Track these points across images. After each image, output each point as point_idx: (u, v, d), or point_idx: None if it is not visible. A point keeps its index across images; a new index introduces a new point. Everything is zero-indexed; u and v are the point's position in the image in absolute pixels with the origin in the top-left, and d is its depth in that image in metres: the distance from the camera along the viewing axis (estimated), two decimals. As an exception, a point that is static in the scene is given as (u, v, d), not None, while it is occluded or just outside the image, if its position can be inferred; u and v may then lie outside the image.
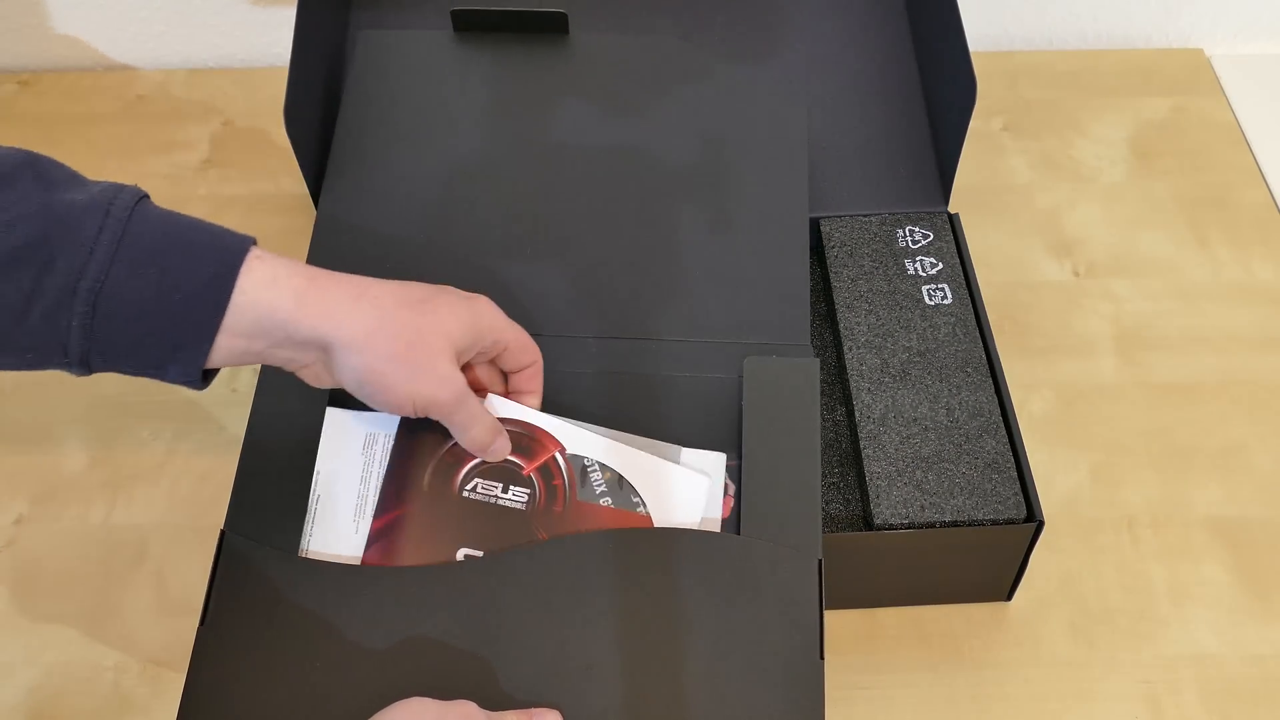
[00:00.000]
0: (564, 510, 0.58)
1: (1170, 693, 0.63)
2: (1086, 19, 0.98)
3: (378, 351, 0.52)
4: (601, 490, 0.59)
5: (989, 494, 0.62)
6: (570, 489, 0.59)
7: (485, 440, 0.58)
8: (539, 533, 0.58)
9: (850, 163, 0.77)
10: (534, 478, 0.59)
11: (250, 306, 0.50)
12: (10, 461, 0.73)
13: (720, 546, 0.56)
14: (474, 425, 0.57)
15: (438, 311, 0.54)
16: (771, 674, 0.54)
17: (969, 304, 0.70)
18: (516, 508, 0.58)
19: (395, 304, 0.53)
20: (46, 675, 0.65)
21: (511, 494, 0.59)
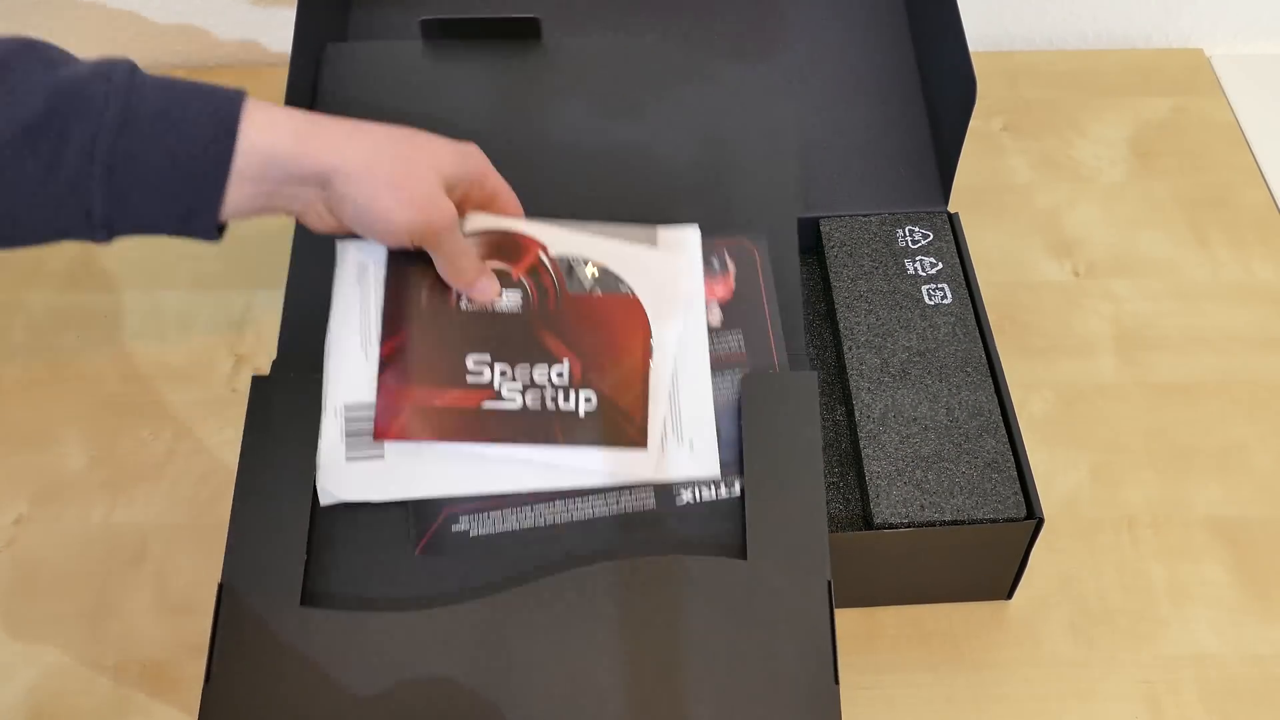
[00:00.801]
0: (557, 306, 0.60)
1: (1170, 693, 0.63)
2: (1086, 19, 0.98)
3: (375, 178, 0.54)
4: (590, 282, 0.61)
5: (989, 493, 0.62)
6: (560, 284, 0.61)
7: (470, 275, 0.59)
8: (538, 331, 0.60)
9: (850, 163, 0.77)
10: (524, 280, 0.61)
11: (253, 150, 0.52)
12: (10, 461, 0.73)
13: (727, 572, 0.56)
14: (459, 258, 0.59)
15: (429, 145, 0.57)
16: (786, 702, 0.54)
17: (969, 304, 0.70)
18: (513, 311, 0.60)
19: (389, 138, 0.56)
20: (46, 675, 0.65)
21: (506, 298, 0.60)
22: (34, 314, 0.80)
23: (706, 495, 0.58)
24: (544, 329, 0.60)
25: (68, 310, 0.81)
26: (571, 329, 0.60)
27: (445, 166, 0.57)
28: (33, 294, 0.81)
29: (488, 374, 0.59)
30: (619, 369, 0.60)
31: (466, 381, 0.59)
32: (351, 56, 0.75)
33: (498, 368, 0.59)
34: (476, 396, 0.59)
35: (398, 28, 0.82)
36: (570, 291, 0.61)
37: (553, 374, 0.59)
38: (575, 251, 0.62)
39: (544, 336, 0.60)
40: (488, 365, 0.59)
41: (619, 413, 0.59)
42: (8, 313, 0.81)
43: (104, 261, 0.83)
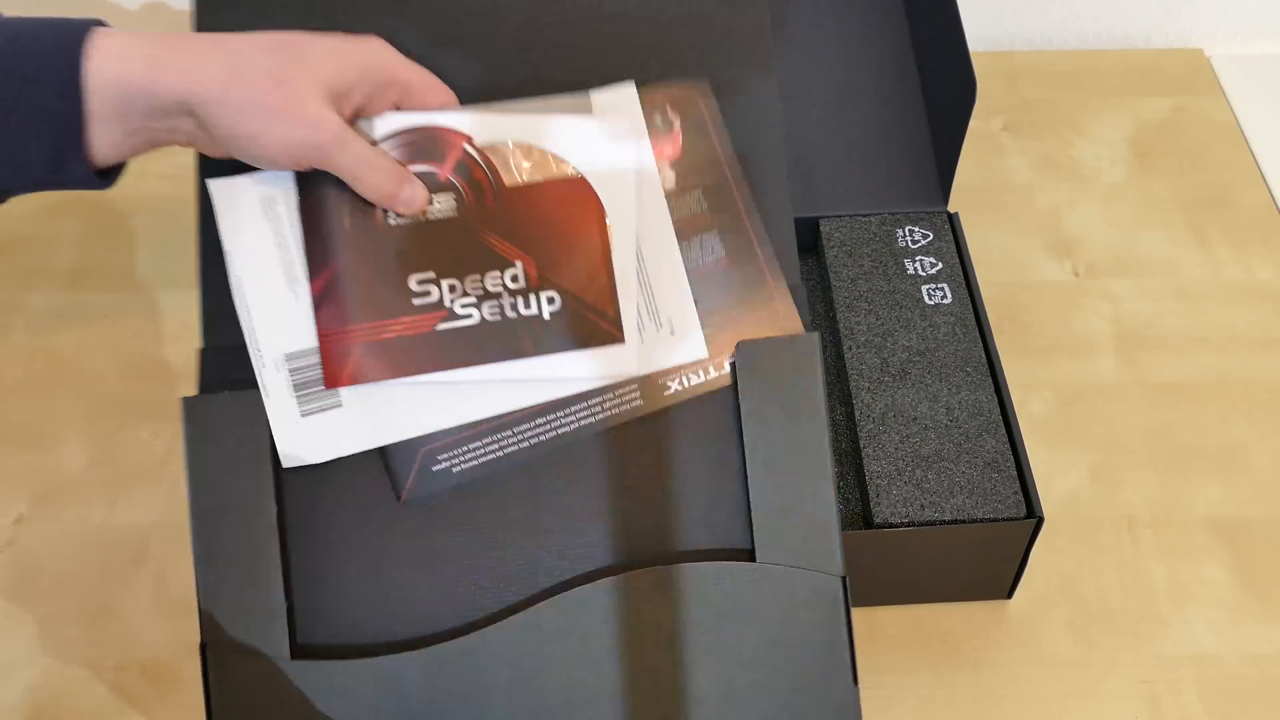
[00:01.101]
0: (497, 202, 0.54)
1: (1170, 693, 0.63)
2: (1086, 19, 0.98)
3: (240, 100, 0.49)
4: (527, 168, 0.55)
5: (989, 493, 0.62)
6: (495, 178, 0.55)
7: (389, 187, 0.53)
8: (481, 233, 0.54)
9: (850, 163, 0.77)
10: (453, 179, 0.55)
11: (105, 85, 0.47)
12: (10, 461, 0.73)
13: (734, 577, 0.53)
14: (367, 171, 0.52)
15: (306, 53, 0.50)
16: (803, 706, 0.52)
17: (968, 304, 0.70)
18: (448, 216, 0.54)
19: (256, 49, 0.50)
20: (46, 675, 0.65)
21: (438, 204, 0.54)
22: (34, 314, 0.80)
23: (695, 380, 0.54)
24: (487, 231, 0.54)
25: (68, 310, 0.81)
26: (517, 225, 0.54)
27: (327, 73, 0.50)
28: (33, 294, 0.81)
29: (435, 292, 0.53)
30: (578, 260, 0.54)
31: (414, 305, 0.53)
32: None
33: (445, 284, 0.53)
34: (428, 320, 0.53)
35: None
36: (508, 184, 0.55)
37: (507, 279, 0.54)
38: (505, 136, 0.55)
39: (489, 239, 0.54)
40: (433, 283, 0.53)
41: (588, 308, 0.54)
42: (8, 313, 0.81)
43: (104, 261, 0.83)
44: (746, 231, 0.57)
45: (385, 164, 0.53)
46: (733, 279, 0.56)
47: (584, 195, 0.55)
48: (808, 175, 0.76)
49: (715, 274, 0.56)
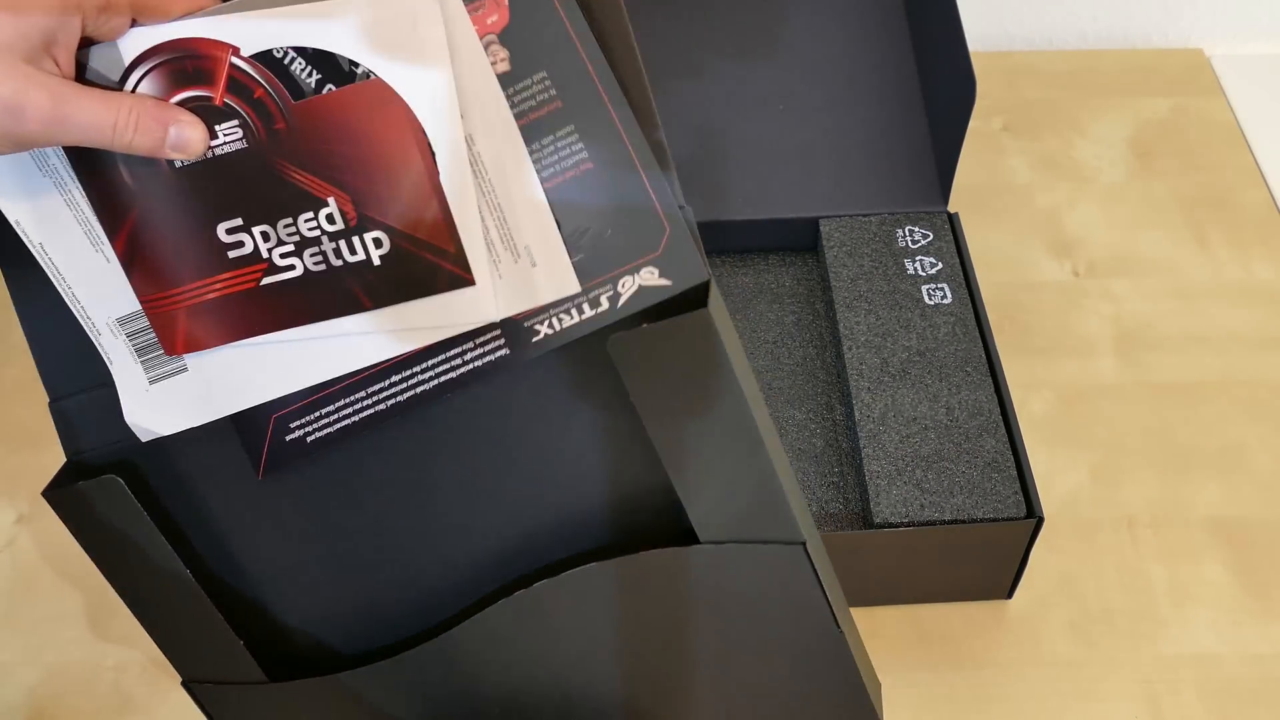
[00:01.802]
0: (289, 124, 0.45)
1: (1170, 693, 0.63)
2: (1086, 19, 0.98)
3: None
4: (315, 77, 0.45)
5: (989, 493, 0.62)
6: (279, 95, 0.45)
7: (149, 140, 0.43)
8: (279, 166, 0.45)
9: (850, 163, 0.77)
10: (231, 103, 0.45)
11: None
12: (10, 461, 0.73)
13: (681, 563, 0.49)
14: (116, 134, 0.42)
15: None
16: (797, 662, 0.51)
17: (968, 304, 0.70)
18: (237, 147, 0.45)
19: None
20: (46, 675, 0.65)
21: (222, 137, 0.45)
22: (34, 314, 0.80)
23: (569, 320, 0.46)
24: (286, 162, 0.45)
25: (68, 310, 0.81)
26: (319, 151, 0.45)
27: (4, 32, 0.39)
28: (33, 294, 0.81)
29: (249, 242, 0.46)
30: (401, 188, 0.45)
31: (230, 259, 0.46)
32: None
33: (256, 231, 0.46)
34: (250, 275, 0.46)
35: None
36: (295, 102, 0.45)
37: (322, 219, 0.45)
38: (279, 39, 0.44)
39: (290, 173, 0.45)
40: (243, 231, 0.46)
41: (423, 246, 0.45)
42: (8, 312, 0.81)
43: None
44: (613, 124, 0.45)
45: (131, 114, 0.42)
46: (601, 186, 0.45)
47: (390, 103, 0.44)
48: (808, 175, 0.76)
49: (577, 182, 0.45)
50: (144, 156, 0.44)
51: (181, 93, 0.45)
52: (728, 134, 0.78)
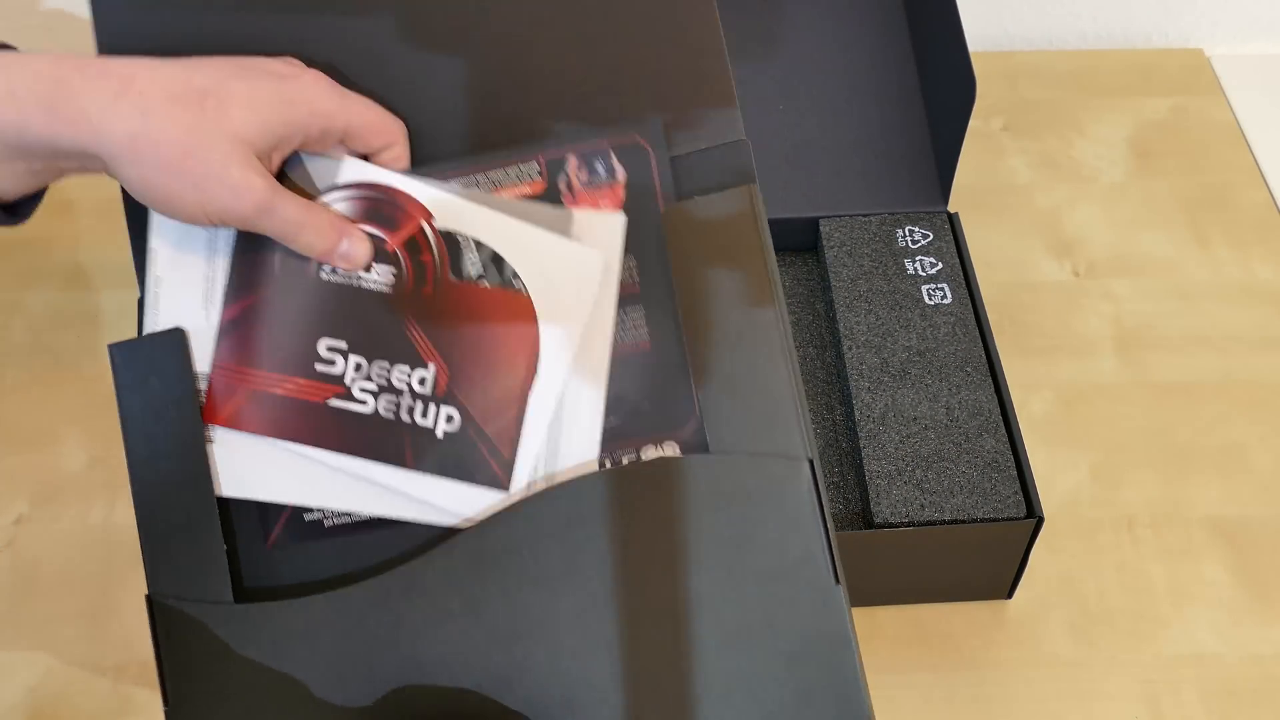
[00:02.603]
0: (434, 291, 0.51)
1: (1170, 693, 0.63)
2: (1086, 19, 0.98)
3: (147, 160, 0.44)
4: (476, 268, 0.51)
5: (989, 493, 0.62)
6: (441, 266, 0.51)
7: (323, 245, 0.49)
8: (406, 318, 0.50)
9: (850, 163, 0.77)
10: (400, 253, 0.51)
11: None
12: (10, 461, 0.73)
13: (684, 472, 0.49)
14: (301, 233, 0.48)
15: (225, 104, 0.45)
16: (784, 615, 0.49)
17: (968, 304, 0.70)
18: (381, 290, 0.50)
19: (166, 99, 0.44)
20: (46, 675, 0.65)
21: (375, 273, 0.50)
22: (34, 314, 0.80)
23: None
24: (413, 320, 0.50)
25: (68, 310, 0.81)
26: (445, 325, 0.50)
27: (250, 131, 0.46)
28: (33, 294, 0.81)
29: (340, 364, 0.50)
30: (493, 387, 0.50)
31: (315, 370, 0.50)
32: None
33: (353, 359, 0.50)
34: (324, 390, 0.50)
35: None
36: (451, 279, 0.51)
37: (414, 380, 0.50)
38: (467, 226, 0.51)
39: (412, 329, 0.50)
40: (342, 354, 0.50)
41: (484, 440, 0.50)
42: (8, 313, 0.81)
43: (104, 261, 0.83)
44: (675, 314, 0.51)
45: (319, 222, 0.49)
46: (651, 365, 0.51)
47: (525, 319, 0.51)
48: (808, 175, 0.76)
49: (632, 357, 0.51)
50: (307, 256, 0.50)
51: (365, 225, 0.51)
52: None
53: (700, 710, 0.48)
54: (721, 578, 0.49)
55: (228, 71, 0.46)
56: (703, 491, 0.49)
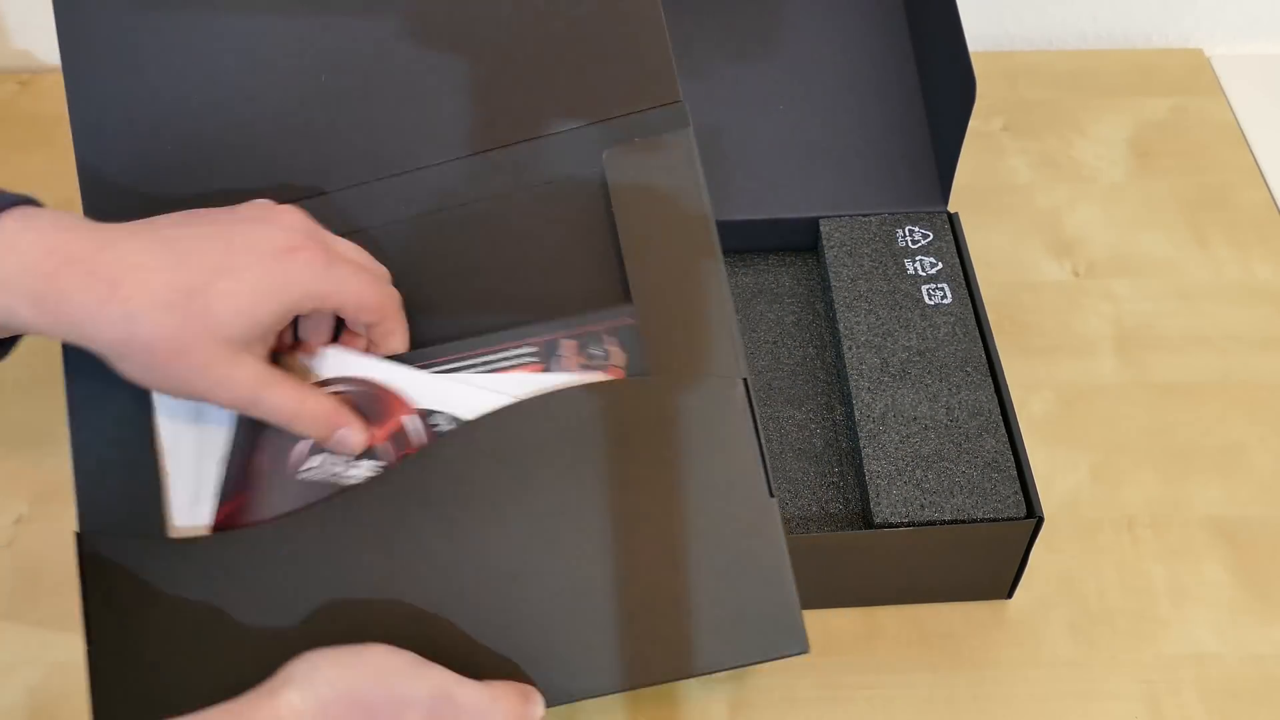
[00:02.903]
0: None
1: (1170, 693, 0.63)
2: (1086, 19, 0.98)
3: (136, 362, 0.46)
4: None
5: (989, 493, 0.62)
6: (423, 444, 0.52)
7: (318, 434, 0.50)
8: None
9: (850, 163, 0.77)
10: (387, 448, 0.51)
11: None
12: (10, 461, 0.73)
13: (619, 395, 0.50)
14: (295, 421, 0.49)
15: (212, 304, 0.46)
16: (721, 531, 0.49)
17: (968, 304, 0.70)
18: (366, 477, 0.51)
19: (152, 305, 0.45)
20: (46, 675, 0.65)
21: (361, 468, 0.51)
22: (34, 314, 0.80)
23: None
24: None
25: (68, 310, 0.80)
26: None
27: (237, 328, 0.46)
28: (33, 294, 0.81)
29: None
30: None
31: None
32: None
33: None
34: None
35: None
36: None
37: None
38: (453, 412, 0.51)
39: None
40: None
41: None
42: (8, 313, 0.81)
43: (104, 261, 0.83)
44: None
45: (314, 410, 0.50)
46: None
47: None
48: (808, 175, 0.76)
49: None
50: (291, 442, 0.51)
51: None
52: (728, 134, 0.78)
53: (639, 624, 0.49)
54: (662, 495, 0.50)
55: (215, 262, 0.46)
56: (644, 412, 0.50)
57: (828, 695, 0.63)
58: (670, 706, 0.63)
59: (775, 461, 0.67)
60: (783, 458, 0.67)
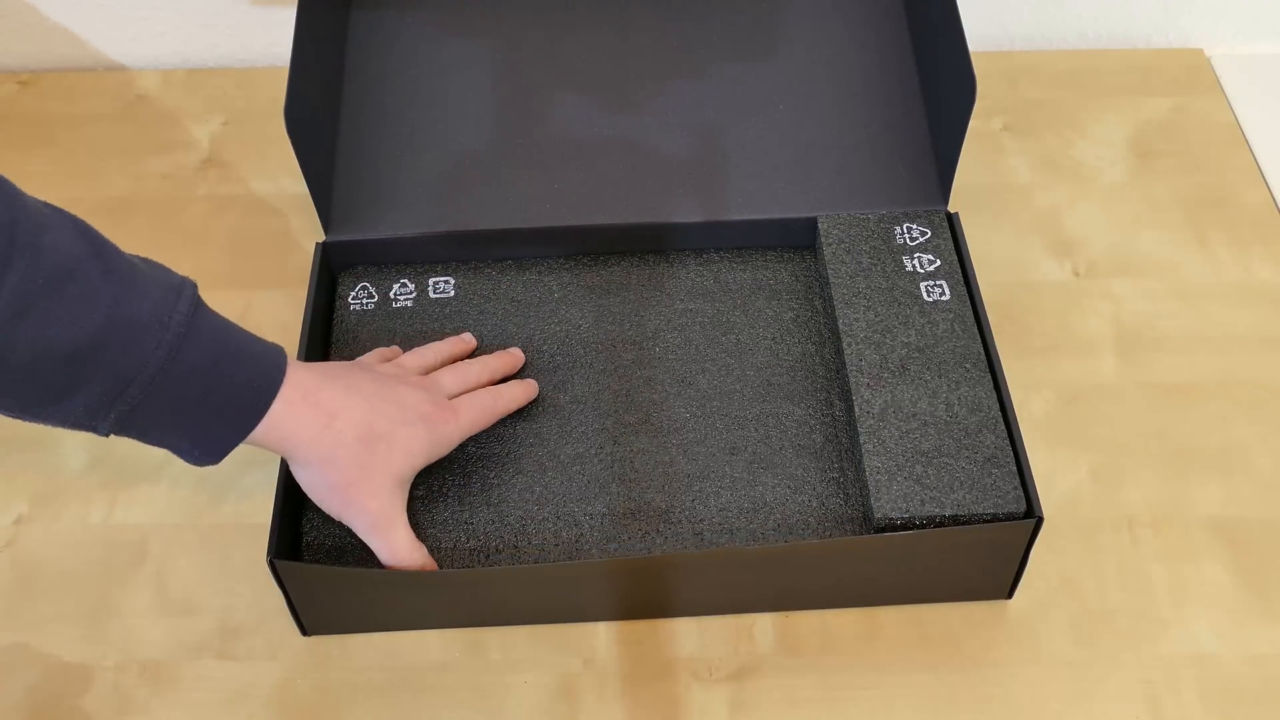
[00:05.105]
0: None
1: (1170, 693, 0.63)
2: (1086, 19, 0.98)
3: (322, 480, 0.59)
4: None
5: (989, 488, 0.62)
6: None
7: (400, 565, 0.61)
8: None
9: (849, 162, 0.77)
10: None
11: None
12: (10, 461, 0.73)
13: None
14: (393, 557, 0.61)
15: (392, 449, 0.60)
16: None
17: (967, 301, 0.69)
18: None
19: (355, 438, 0.59)
20: (46, 675, 0.65)
21: None
22: (34, 314, 0.80)
23: None
24: None
25: (68, 310, 0.80)
26: None
27: (403, 468, 0.61)
28: (33, 294, 0.81)
29: None
30: None
31: None
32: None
33: None
34: None
35: (397, 28, 0.82)
36: None
37: None
38: None
39: None
40: None
41: None
42: (8, 313, 0.81)
43: (104, 261, 0.83)
44: None
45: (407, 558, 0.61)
46: None
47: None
48: (808, 175, 0.76)
49: None
50: None
51: None
52: (728, 134, 0.78)
53: None
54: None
55: (394, 415, 0.61)
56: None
57: (828, 695, 0.63)
58: (670, 706, 0.63)
59: (775, 458, 0.67)
60: (782, 453, 0.67)
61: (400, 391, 0.62)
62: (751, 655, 0.64)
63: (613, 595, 0.64)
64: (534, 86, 0.80)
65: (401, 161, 0.76)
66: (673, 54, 0.81)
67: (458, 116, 0.79)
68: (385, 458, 0.60)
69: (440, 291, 0.75)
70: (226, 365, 0.55)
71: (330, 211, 0.75)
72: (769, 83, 0.80)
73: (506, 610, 0.64)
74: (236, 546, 0.69)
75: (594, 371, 0.71)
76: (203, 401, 0.55)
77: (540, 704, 0.63)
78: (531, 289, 0.75)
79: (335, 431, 0.58)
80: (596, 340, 0.72)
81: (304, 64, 0.71)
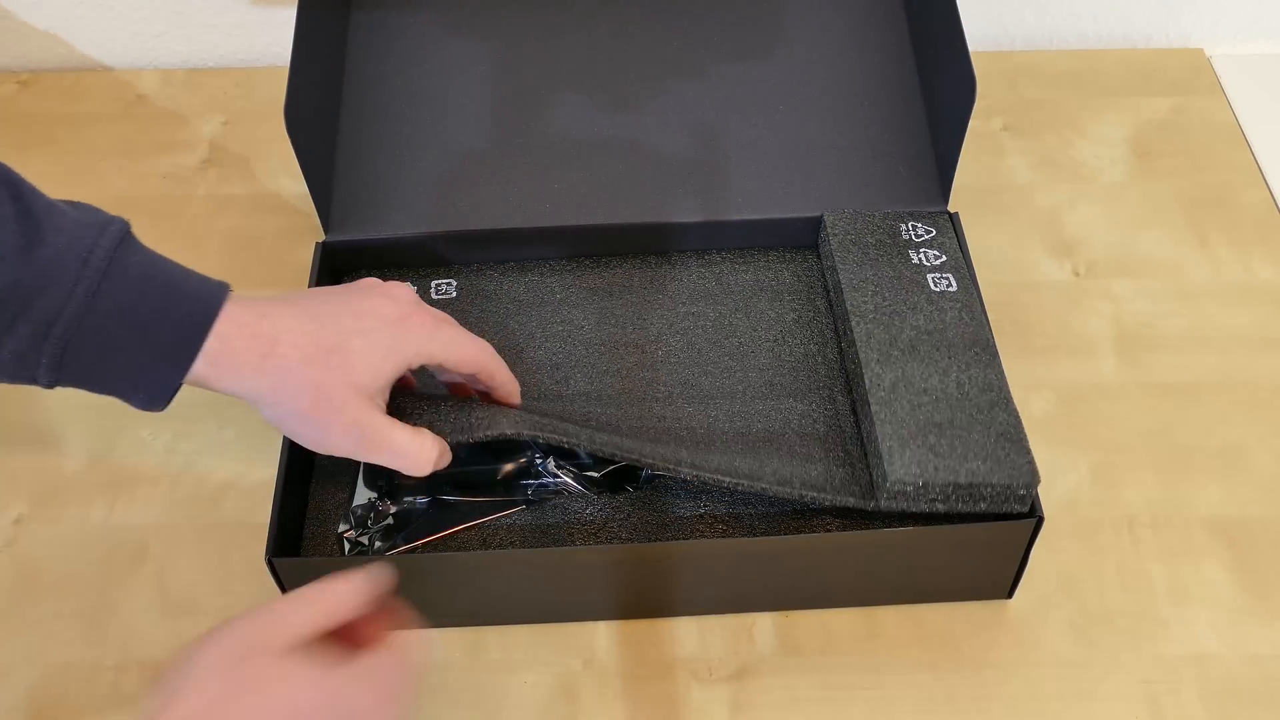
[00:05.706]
0: None
1: (1170, 693, 0.63)
2: (1086, 19, 0.98)
3: (284, 408, 0.55)
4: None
5: (1002, 459, 0.60)
6: None
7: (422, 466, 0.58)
8: None
9: (849, 163, 0.77)
10: None
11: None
12: (10, 461, 0.73)
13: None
14: (401, 459, 0.57)
15: (348, 359, 0.55)
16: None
17: (974, 294, 0.69)
18: None
19: (301, 360, 0.55)
20: (46, 675, 0.65)
21: None
22: (34, 314, 0.80)
23: None
24: None
25: (68, 310, 0.80)
26: None
27: (366, 379, 0.56)
28: (33, 294, 0.81)
29: None
30: None
31: None
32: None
33: None
34: None
35: (397, 28, 0.82)
36: None
37: None
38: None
39: None
40: None
41: None
42: (8, 313, 0.81)
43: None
44: None
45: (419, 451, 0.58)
46: None
47: None
48: (808, 175, 0.76)
49: None
50: None
51: None
52: (728, 134, 0.78)
53: None
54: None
55: (347, 326, 0.56)
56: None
57: (828, 695, 0.63)
58: (670, 706, 0.63)
59: (779, 441, 0.66)
60: (784, 438, 0.67)
61: (357, 301, 0.58)
62: (751, 655, 0.64)
63: (612, 587, 0.64)
64: (534, 86, 0.80)
65: (401, 161, 0.76)
66: (673, 54, 0.81)
67: (458, 116, 0.78)
68: (342, 372, 0.55)
69: (443, 293, 0.75)
70: (156, 301, 0.52)
71: (330, 211, 0.75)
72: (769, 83, 0.80)
73: (507, 604, 0.64)
74: (236, 546, 0.69)
75: (596, 373, 0.71)
76: (137, 341, 0.52)
77: (540, 704, 0.63)
78: (533, 290, 0.75)
79: (278, 357, 0.54)
80: (599, 342, 0.72)
81: (304, 64, 0.71)
